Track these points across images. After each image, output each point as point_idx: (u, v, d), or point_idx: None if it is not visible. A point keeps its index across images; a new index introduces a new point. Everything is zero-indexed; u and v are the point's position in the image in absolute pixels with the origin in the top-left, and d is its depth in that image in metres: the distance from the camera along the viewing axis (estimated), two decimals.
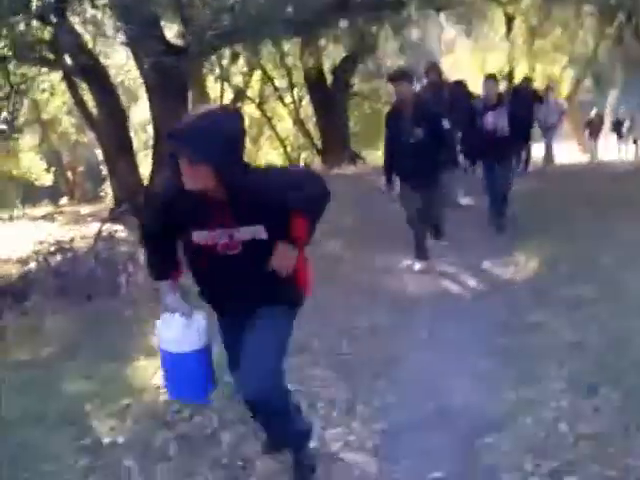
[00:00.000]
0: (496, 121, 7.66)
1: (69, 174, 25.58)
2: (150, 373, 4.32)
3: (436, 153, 6.30)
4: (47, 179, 23.95)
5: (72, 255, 6.76)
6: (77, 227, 10.16)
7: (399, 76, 6.25)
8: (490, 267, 6.77)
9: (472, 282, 6.38)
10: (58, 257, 6.83)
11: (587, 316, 5.00)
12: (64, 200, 21.92)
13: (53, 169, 24.50)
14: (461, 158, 8.64)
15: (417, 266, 6.78)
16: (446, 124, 6.38)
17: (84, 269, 6.27)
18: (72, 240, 7.53)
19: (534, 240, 7.24)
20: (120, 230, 8.75)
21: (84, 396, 3.99)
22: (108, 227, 9.13)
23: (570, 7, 10.35)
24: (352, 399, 4.09)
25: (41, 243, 7.09)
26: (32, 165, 22.21)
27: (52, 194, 23.12)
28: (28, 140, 21.00)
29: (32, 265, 6.80)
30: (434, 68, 9.81)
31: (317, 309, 5.56)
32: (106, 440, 3.43)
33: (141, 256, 5.98)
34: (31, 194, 23.02)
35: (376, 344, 5.01)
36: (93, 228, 9.05)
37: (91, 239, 7.90)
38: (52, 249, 7.08)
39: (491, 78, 8.10)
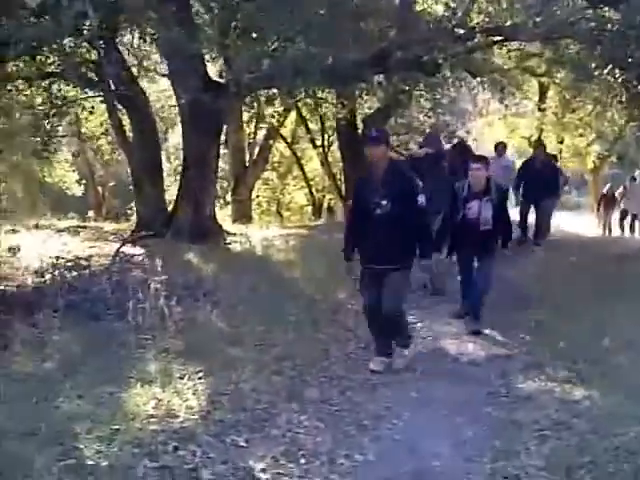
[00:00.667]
0: (480, 211, 6.80)
1: (99, 188, 26.07)
2: (143, 400, 4.45)
3: (406, 233, 5.40)
4: (77, 191, 24.43)
5: (87, 273, 6.96)
6: (98, 244, 10.38)
7: (374, 138, 5.59)
8: (490, 335, 6.87)
9: (470, 347, 6.48)
10: (74, 273, 7.02)
11: (578, 395, 5.07)
12: (91, 213, 22.31)
13: (84, 182, 25.01)
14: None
15: (372, 365, 5.70)
16: (422, 199, 5.47)
17: (96, 288, 6.45)
18: (90, 257, 7.74)
19: (535, 313, 7.32)
20: (138, 254, 8.94)
21: (76, 416, 4.11)
22: (128, 249, 9.37)
23: (602, 86, 10.56)
24: (334, 450, 4.21)
25: (58, 258, 7.29)
26: (65, 175, 22.68)
27: (81, 206, 23.59)
28: (65, 151, 21.56)
29: (47, 277, 6.99)
30: (432, 140, 9.24)
31: (313, 358, 5.74)
32: (90, 463, 3.55)
33: (152, 283, 6.16)
34: (60, 204, 23.52)
35: (366, 398, 5.13)
36: (113, 247, 9.26)
37: (108, 258, 8.11)
38: (69, 264, 7.28)
39: (479, 160, 7.00)
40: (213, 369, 5.14)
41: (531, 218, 11.90)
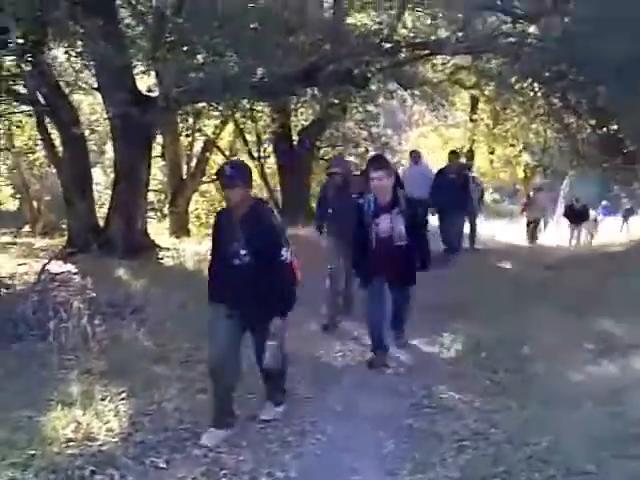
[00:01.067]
0: (392, 225, 6.01)
1: (35, 203, 25.48)
2: (63, 424, 4.40)
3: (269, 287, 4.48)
4: (12, 205, 23.87)
5: (10, 292, 6.83)
6: (27, 261, 10.17)
7: (227, 177, 4.41)
8: (417, 345, 6.98)
9: (395, 358, 6.57)
10: None
11: (496, 405, 5.20)
12: (26, 228, 21.83)
13: (19, 196, 24.43)
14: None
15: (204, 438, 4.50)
16: (286, 254, 4.50)
17: (19, 308, 6.34)
18: (14, 276, 7.60)
19: (462, 322, 7.48)
20: (66, 271, 8.80)
21: None
22: (59, 265, 9.21)
23: (525, 99, 10.90)
24: (257, 469, 4.23)
25: None
26: None
27: (15, 221, 23.04)
28: None
29: None
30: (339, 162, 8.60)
31: (241, 374, 5.74)
32: None
33: (77, 301, 6.09)
34: None
35: (292, 413, 5.16)
36: (42, 264, 9.08)
37: (35, 276, 7.96)
38: None
39: (380, 168, 5.99)
40: (136, 389, 5.12)
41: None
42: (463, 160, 12.53)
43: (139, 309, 7.05)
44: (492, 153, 21.29)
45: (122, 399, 4.91)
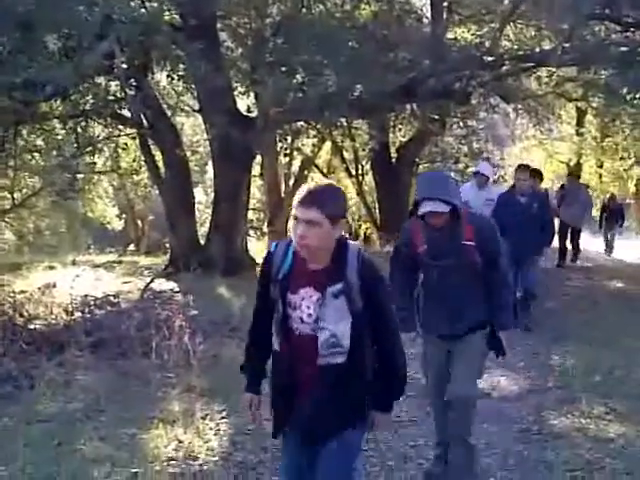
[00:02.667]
0: None
1: (139, 222, 26.44)
2: (164, 442, 4.42)
3: None
4: (118, 225, 24.81)
5: (116, 310, 6.99)
6: (132, 279, 10.46)
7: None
8: (524, 368, 6.68)
9: (502, 382, 6.29)
10: (102, 310, 7.06)
11: (612, 433, 4.89)
12: (131, 247, 22.67)
13: (124, 216, 25.41)
14: None
15: None
16: None
17: (124, 326, 6.47)
18: (119, 294, 7.79)
19: (573, 344, 7.12)
20: (169, 289, 8.97)
21: (96, 459, 4.10)
22: (161, 283, 9.41)
23: (638, 110, 10.37)
24: None
25: (87, 296, 7.34)
26: (105, 210, 23.07)
27: (121, 240, 23.99)
28: (106, 186, 21.96)
29: (77, 315, 7.04)
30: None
31: None
32: None
33: (177, 320, 6.14)
34: (102, 238, 23.95)
35: (393, 437, 5.00)
36: (146, 282, 9.30)
37: (138, 294, 8.16)
38: (99, 302, 7.33)
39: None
40: (237, 408, 5.08)
41: None
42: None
43: (239, 327, 7.05)
44: (601, 167, 20.45)
45: (222, 418, 4.90)
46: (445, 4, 13.96)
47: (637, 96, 9.18)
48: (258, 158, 17.57)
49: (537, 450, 4.71)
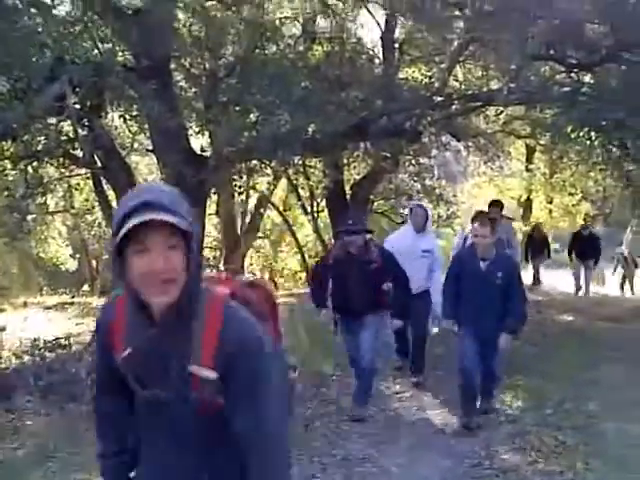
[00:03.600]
0: None
1: (93, 262, 26.09)
2: None
3: None
4: (72, 265, 24.46)
5: (65, 353, 6.89)
6: (84, 320, 10.32)
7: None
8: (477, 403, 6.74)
9: (455, 417, 6.34)
10: (53, 353, 6.95)
11: (562, 465, 4.97)
12: (85, 287, 22.37)
13: (78, 256, 25.05)
14: None
15: None
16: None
17: (74, 368, 6.37)
18: (69, 336, 7.68)
19: (523, 378, 7.23)
20: None
21: None
22: None
23: (583, 147, 10.68)
24: None
25: (36, 339, 7.22)
26: (59, 251, 22.77)
27: (75, 280, 23.63)
28: (58, 226, 21.71)
29: (27, 359, 6.92)
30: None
31: (294, 433, 5.62)
32: None
33: None
34: (56, 279, 23.59)
35: (346, 474, 5.01)
36: None
37: (90, 336, 8.03)
38: (49, 344, 7.21)
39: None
40: None
41: None
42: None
43: None
44: (550, 202, 20.92)
45: None
46: (396, 45, 14.29)
47: (581, 134, 9.46)
48: (214, 196, 17.61)
49: None
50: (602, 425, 5.67)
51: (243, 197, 19.88)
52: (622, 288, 16.40)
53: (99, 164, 10.54)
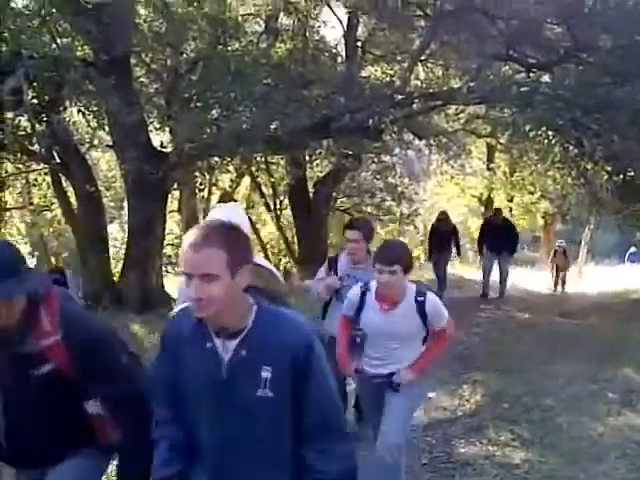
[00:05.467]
0: None
1: (52, 259, 25.69)
2: None
3: None
4: (31, 262, 24.05)
5: None
6: None
7: None
8: (436, 398, 6.81)
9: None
10: None
11: (518, 458, 5.04)
12: None
13: (37, 253, 24.65)
14: None
15: None
16: None
17: None
18: None
19: (481, 374, 7.32)
20: None
21: None
22: None
23: (542, 146, 10.87)
24: None
25: None
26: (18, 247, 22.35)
27: None
28: (17, 222, 21.35)
29: None
30: None
31: None
32: None
33: None
34: None
35: None
36: None
37: None
38: None
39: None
40: None
41: None
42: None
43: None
44: (511, 201, 21.22)
45: None
46: (358, 43, 14.37)
47: (539, 133, 9.62)
48: (176, 193, 17.49)
49: (445, 478, 4.81)
50: (557, 419, 5.74)
51: (205, 194, 19.78)
52: (556, 285, 16.10)
53: (57, 160, 10.42)
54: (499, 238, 12.56)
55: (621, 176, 10.97)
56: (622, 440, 5.07)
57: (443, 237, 12.40)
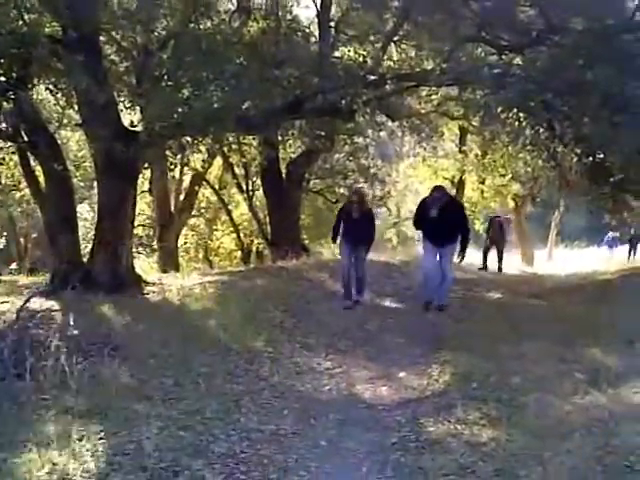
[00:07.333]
0: None
1: (21, 240, 25.41)
2: (38, 465, 4.27)
3: None
4: None
5: None
6: (10, 299, 10.02)
7: None
8: (405, 377, 6.87)
9: (385, 392, 6.45)
10: None
11: (486, 437, 5.10)
12: (13, 265, 21.73)
13: (5, 234, 24.35)
14: None
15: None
16: None
17: None
18: None
19: (450, 354, 7.39)
20: (50, 307, 8.66)
21: None
22: (40, 302, 9.05)
23: (513, 129, 10.94)
24: None
25: None
26: None
27: (3, 258, 22.99)
28: None
29: None
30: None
31: (223, 410, 5.63)
32: None
33: (55, 340, 5.95)
34: None
35: (276, 449, 5.03)
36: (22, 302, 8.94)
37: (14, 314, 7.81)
38: None
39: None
40: (115, 428, 4.98)
41: None
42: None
43: (121, 346, 6.91)
44: (482, 183, 21.37)
45: (100, 439, 4.78)
46: (332, 23, 14.30)
47: (510, 115, 9.67)
48: (147, 174, 17.35)
49: (414, 457, 4.86)
50: (525, 398, 5.80)
51: (177, 174, 19.64)
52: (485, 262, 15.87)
53: (25, 138, 10.24)
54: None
55: (591, 158, 11.07)
56: (588, 419, 5.15)
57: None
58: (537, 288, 12.63)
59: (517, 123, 9.95)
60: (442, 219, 9.39)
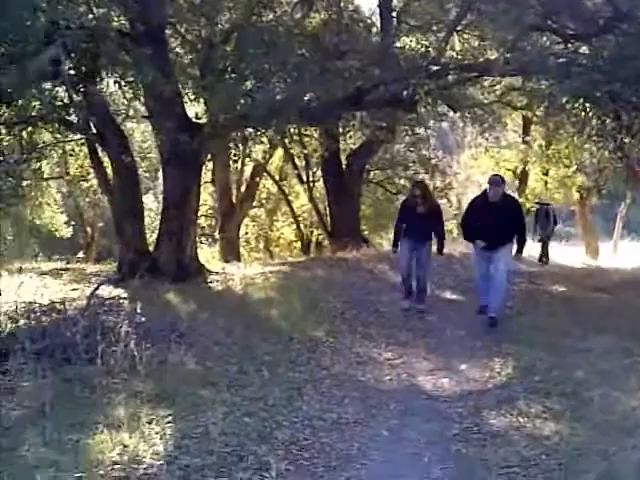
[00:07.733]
0: None
1: (88, 229, 26.11)
2: (109, 447, 4.42)
3: None
4: (67, 232, 24.48)
5: (61, 317, 6.94)
6: (79, 286, 10.36)
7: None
8: (467, 370, 6.85)
9: (446, 383, 6.45)
10: (48, 317, 7.00)
11: (548, 431, 5.06)
12: (80, 254, 22.38)
13: (73, 223, 25.06)
14: None
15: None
16: None
17: (69, 332, 6.42)
18: (64, 302, 7.73)
19: (513, 347, 7.33)
20: (118, 295, 8.92)
21: (39, 464, 4.09)
22: (109, 290, 9.35)
23: (579, 119, 10.72)
24: None
25: (31, 303, 7.28)
26: (54, 217, 22.74)
27: (70, 247, 23.68)
28: (53, 192, 21.68)
29: (22, 322, 6.98)
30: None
31: (286, 398, 5.72)
32: None
33: (124, 327, 6.14)
34: (51, 245, 23.64)
35: (338, 437, 5.09)
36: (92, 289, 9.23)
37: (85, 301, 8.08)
38: (44, 309, 7.27)
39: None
40: (183, 412, 5.12)
41: None
42: None
43: (187, 333, 7.09)
44: (546, 174, 20.94)
45: (168, 422, 4.92)
46: (394, 13, 14.22)
47: (576, 105, 9.49)
48: (210, 164, 17.61)
49: (476, 449, 4.86)
50: (589, 392, 5.73)
51: (239, 166, 19.86)
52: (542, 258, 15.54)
53: (94, 130, 10.54)
54: None
55: None
56: None
57: None
58: (602, 281, 12.36)
59: (583, 113, 9.75)
60: (495, 220, 8.16)
